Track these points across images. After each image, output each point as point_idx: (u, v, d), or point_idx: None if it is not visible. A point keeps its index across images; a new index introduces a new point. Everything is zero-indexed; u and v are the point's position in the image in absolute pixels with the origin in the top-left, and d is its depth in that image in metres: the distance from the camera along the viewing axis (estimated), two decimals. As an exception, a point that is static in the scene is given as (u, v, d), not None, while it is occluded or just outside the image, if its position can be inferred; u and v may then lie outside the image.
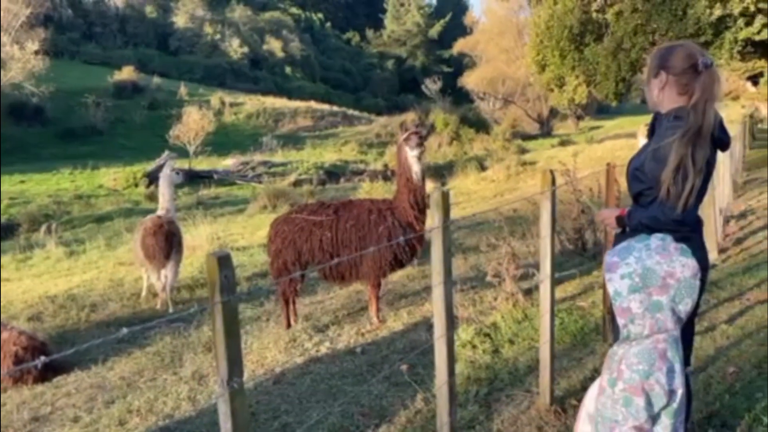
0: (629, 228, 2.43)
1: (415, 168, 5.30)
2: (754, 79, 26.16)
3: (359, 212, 5.39)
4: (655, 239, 1.84)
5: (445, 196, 2.41)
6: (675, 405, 1.83)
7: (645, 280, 1.78)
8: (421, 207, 5.35)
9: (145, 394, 4.38)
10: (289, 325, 5.56)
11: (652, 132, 2.57)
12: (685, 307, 1.79)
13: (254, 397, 4.11)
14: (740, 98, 32.64)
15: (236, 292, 1.82)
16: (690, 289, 1.78)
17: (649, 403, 1.77)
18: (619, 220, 2.50)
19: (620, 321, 1.87)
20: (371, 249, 5.09)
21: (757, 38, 15.32)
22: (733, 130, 12.55)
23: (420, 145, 5.25)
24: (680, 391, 1.84)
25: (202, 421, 3.92)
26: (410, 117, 35.33)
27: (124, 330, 1.54)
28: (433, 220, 2.43)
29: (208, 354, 5.11)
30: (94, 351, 5.42)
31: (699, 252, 2.43)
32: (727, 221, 7.81)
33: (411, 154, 5.26)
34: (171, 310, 6.67)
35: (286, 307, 5.64)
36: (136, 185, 23.05)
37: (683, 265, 1.78)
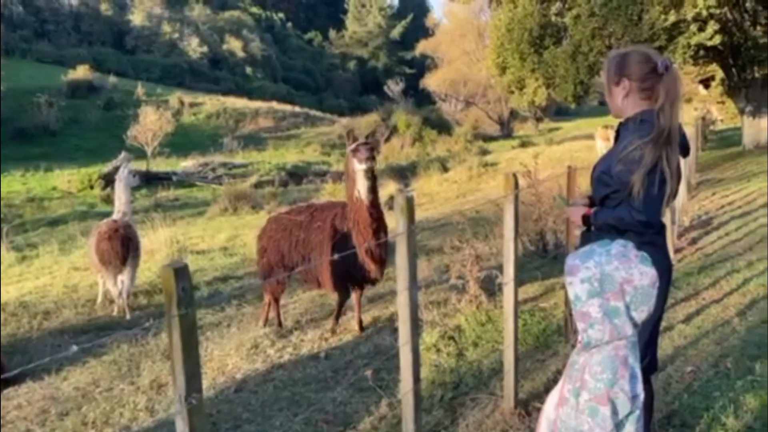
0: (594, 227, 2.43)
1: (363, 184, 4.75)
2: (706, 82, 26.95)
3: (327, 215, 5.20)
4: (617, 245, 1.84)
5: (409, 202, 2.38)
6: (638, 411, 1.84)
7: (603, 285, 1.78)
8: (366, 228, 4.82)
9: (100, 406, 4.24)
10: (266, 323, 5.61)
11: (617, 137, 2.58)
12: (640, 315, 1.80)
13: (215, 406, 4.01)
14: (692, 101, 33.59)
15: (195, 301, 1.76)
16: (646, 297, 1.78)
17: (614, 412, 1.77)
18: (585, 219, 2.50)
19: (580, 326, 1.86)
20: (319, 255, 4.96)
21: (709, 43, 15.77)
22: (687, 131, 12.86)
23: (370, 159, 4.68)
24: (642, 396, 1.84)
25: (161, 432, 3.81)
26: (373, 118, 35.41)
27: (74, 348, 1.46)
28: (397, 225, 2.40)
29: (167, 362, 4.98)
30: (46, 361, 5.22)
31: (663, 255, 2.45)
32: (684, 229, 7.97)
33: (359, 168, 4.73)
34: (128, 317, 6.49)
35: (268, 306, 5.64)
36: (92, 187, 22.42)
37: (642, 273, 1.78)
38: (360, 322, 5.36)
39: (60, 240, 12.69)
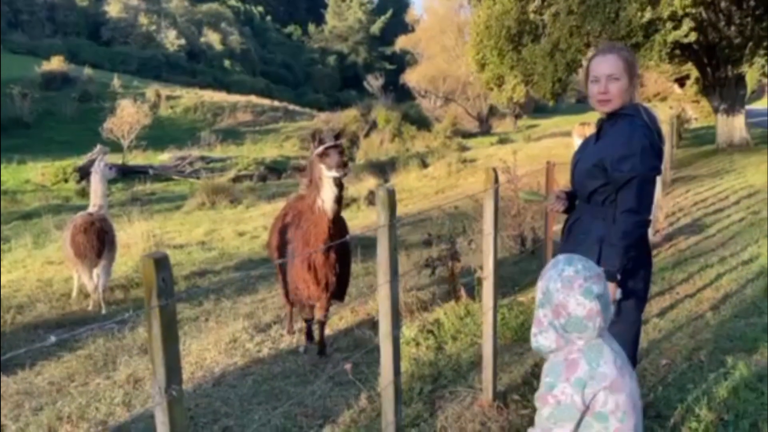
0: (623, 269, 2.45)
1: (329, 193, 4.06)
2: (681, 81, 27.37)
3: (301, 207, 4.63)
4: (570, 270, 1.86)
5: (391, 195, 2.39)
6: (603, 409, 1.83)
7: (546, 299, 1.86)
8: (317, 242, 4.13)
9: (76, 400, 4.18)
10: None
11: (599, 132, 2.59)
12: (577, 336, 1.84)
13: (193, 401, 3.98)
14: (668, 99, 34.11)
15: (174, 294, 1.74)
16: (579, 326, 1.82)
17: (552, 415, 1.82)
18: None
19: (534, 329, 1.93)
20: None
21: (684, 41, 15.98)
22: (662, 130, 13.09)
23: (342, 165, 3.98)
24: (601, 394, 1.82)
25: (138, 427, 3.77)
26: (352, 113, 35.32)
27: (52, 338, 1.44)
28: (378, 218, 2.40)
29: (144, 356, 4.93)
30: (21, 355, 5.14)
31: (648, 250, 2.53)
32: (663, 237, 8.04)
33: (327, 175, 4.03)
34: (104, 311, 6.41)
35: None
36: (66, 180, 22.10)
37: (578, 304, 1.82)
38: (321, 340, 4.68)
39: (34, 233, 12.47)
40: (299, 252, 4.29)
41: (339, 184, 4.11)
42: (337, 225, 4.23)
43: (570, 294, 1.81)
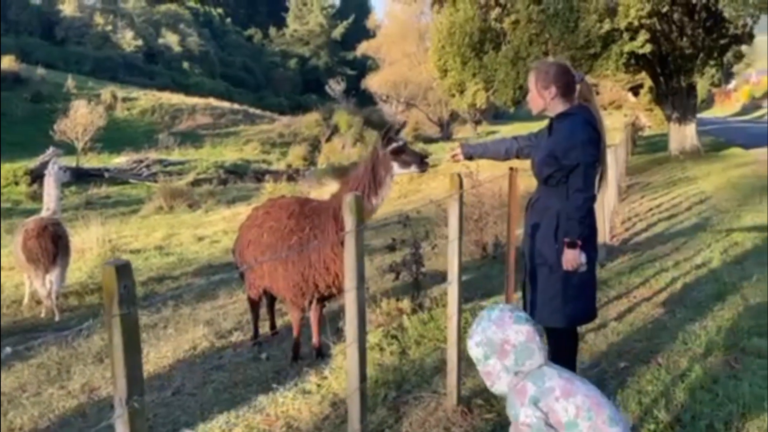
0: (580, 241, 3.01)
1: (386, 192, 4.18)
2: (635, 89, 28.11)
3: (280, 213, 4.52)
4: (496, 311, 2.09)
5: (358, 200, 2.37)
6: (567, 418, 1.91)
7: (490, 347, 2.03)
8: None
9: (28, 411, 4.04)
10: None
11: (550, 129, 3.21)
12: (529, 367, 2.01)
13: (152, 410, 3.89)
14: (622, 107, 34.99)
15: (137, 300, 1.69)
16: (527, 351, 2.00)
17: None
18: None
19: (487, 383, 2.11)
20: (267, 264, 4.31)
21: (640, 51, 16.44)
22: (617, 137, 13.43)
23: (424, 159, 4.21)
24: (557, 405, 1.94)
25: (94, 437, 3.65)
26: (314, 117, 35.02)
27: (8, 350, 1.37)
28: (346, 224, 2.38)
29: (99, 365, 4.79)
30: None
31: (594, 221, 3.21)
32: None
33: (398, 172, 4.16)
34: (57, 318, 6.21)
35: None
36: (17, 183, 21.41)
37: (516, 332, 2.01)
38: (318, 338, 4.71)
39: (-18, 238, 12.01)
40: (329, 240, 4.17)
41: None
42: None
43: (506, 328, 2.01)
